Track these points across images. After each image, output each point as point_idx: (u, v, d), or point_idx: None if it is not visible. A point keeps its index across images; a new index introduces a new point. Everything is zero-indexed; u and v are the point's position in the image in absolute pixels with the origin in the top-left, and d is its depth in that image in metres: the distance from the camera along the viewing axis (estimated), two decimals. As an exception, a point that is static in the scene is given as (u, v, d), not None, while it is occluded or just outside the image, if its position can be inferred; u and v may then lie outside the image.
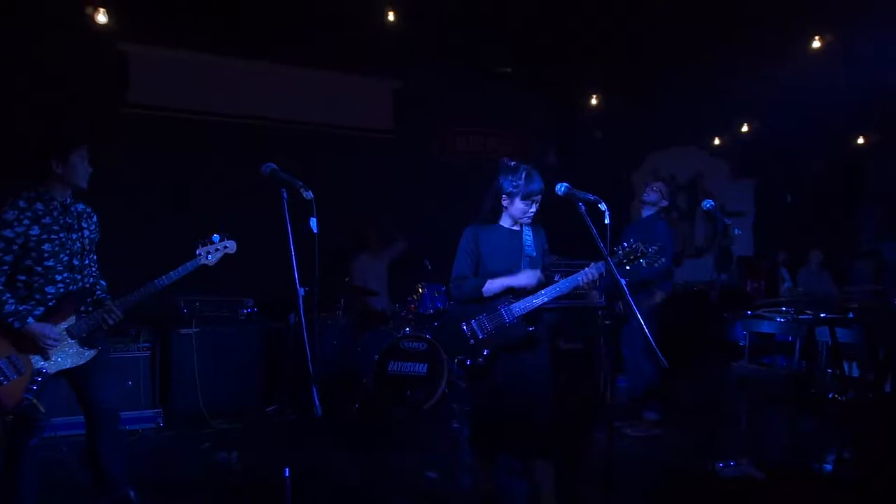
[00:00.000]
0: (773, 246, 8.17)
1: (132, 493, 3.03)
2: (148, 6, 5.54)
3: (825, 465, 4.06)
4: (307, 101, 6.53)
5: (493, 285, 2.89)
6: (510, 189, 2.88)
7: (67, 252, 2.85)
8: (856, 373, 4.87)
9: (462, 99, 7.13)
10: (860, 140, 7.95)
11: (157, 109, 5.94)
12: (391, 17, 5.16)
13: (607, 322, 4.39)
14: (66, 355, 2.80)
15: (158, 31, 5.76)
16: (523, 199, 2.87)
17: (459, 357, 2.90)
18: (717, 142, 8.38)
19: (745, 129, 7.72)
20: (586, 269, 2.78)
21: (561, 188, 2.66)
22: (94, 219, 3.07)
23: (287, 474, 2.08)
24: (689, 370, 4.31)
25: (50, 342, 2.72)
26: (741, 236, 8.03)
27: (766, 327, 5.08)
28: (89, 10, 5.15)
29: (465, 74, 6.79)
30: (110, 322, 2.85)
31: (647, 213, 4.82)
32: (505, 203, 2.93)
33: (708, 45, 5.80)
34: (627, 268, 2.75)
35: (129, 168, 5.50)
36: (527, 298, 2.86)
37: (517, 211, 2.92)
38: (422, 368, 5.15)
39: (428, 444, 4.53)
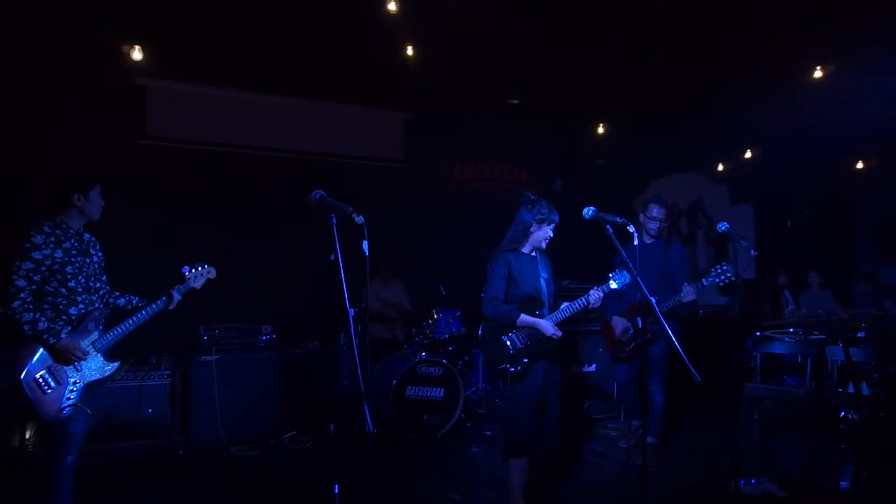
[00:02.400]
0: (773, 269, 8.29)
1: None
2: (166, 42, 5.70)
3: (843, 483, 4.11)
4: (321, 133, 6.70)
5: (523, 320, 3.33)
6: (539, 217, 3.35)
7: (84, 275, 3.13)
8: (866, 391, 4.93)
9: (470, 129, 7.32)
10: (858, 165, 8.15)
11: (175, 142, 6.08)
12: (410, 52, 5.32)
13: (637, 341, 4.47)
14: (93, 368, 3.11)
15: (176, 67, 5.92)
16: (549, 224, 3.39)
17: (502, 365, 3.29)
18: (718, 168, 8.56)
19: (746, 155, 7.91)
20: (593, 290, 3.34)
21: (589, 212, 2.80)
22: (98, 246, 3.36)
23: (336, 490, 2.11)
24: (709, 392, 4.37)
25: (80, 354, 2.99)
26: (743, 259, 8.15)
27: (777, 348, 5.14)
28: (115, 47, 5.29)
29: (474, 105, 6.98)
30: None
31: (649, 238, 4.75)
32: (533, 230, 3.38)
33: (710, 76, 5.99)
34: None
35: (147, 199, 5.62)
36: (552, 315, 3.38)
37: (541, 236, 3.41)
38: (438, 393, 5.21)
39: (448, 466, 4.56)
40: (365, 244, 2.22)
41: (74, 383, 3.01)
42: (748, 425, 4.87)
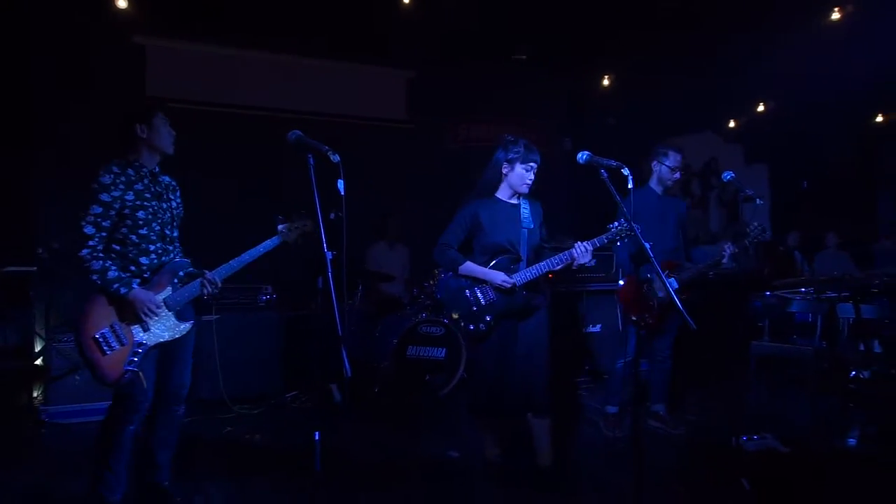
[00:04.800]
0: (787, 230, 8.10)
1: (167, 485, 2.94)
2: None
3: (849, 440, 4.03)
4: (321, 92, 6.58)
5: (470, 270, 3.08)
6: (511, 156, 3.08)
7: (159, 221, 2.80)
8: (877, 349, 4.82)
9: (475, 87, 7.15)
10: (878, 119, 7.85)
11: (175, 102, 5.99)
12: (411, 6, 5.16)
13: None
14: (164, 327, 2.72)
15: (174, 25, 5.82)
16: (523, 163, 3.06)
17: (463, 323, 3.06)
18: (731, 125, 8.31)
19: (760, 109, 7.64)
20: (579, 243, 2.94)
21: (583, 156, 2.64)
22: (178, 193, 3.04)
23: (317, 437, 2.08)
24: (714, 349, 4.29)
25: (153, 309, 2.64)
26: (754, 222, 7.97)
27: (787, 306, 5.04)
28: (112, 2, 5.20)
29: (479, 62, 6.80)
30: (208, 292, 2.80)
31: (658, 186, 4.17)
32: (505, 171, 3.10)
33: (723, 28, 5.76)
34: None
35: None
36: (527, 269, 3.02)
37: (516, 178, 3.08)
38: (440, 353, 5.17)
39: (448, 426, 4.55)
40: (340, 183, 2.14)
41: (139, 345, 2.64)
42: (755, 384, 4.79)
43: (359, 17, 5.77)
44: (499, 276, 3.01)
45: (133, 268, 2.70)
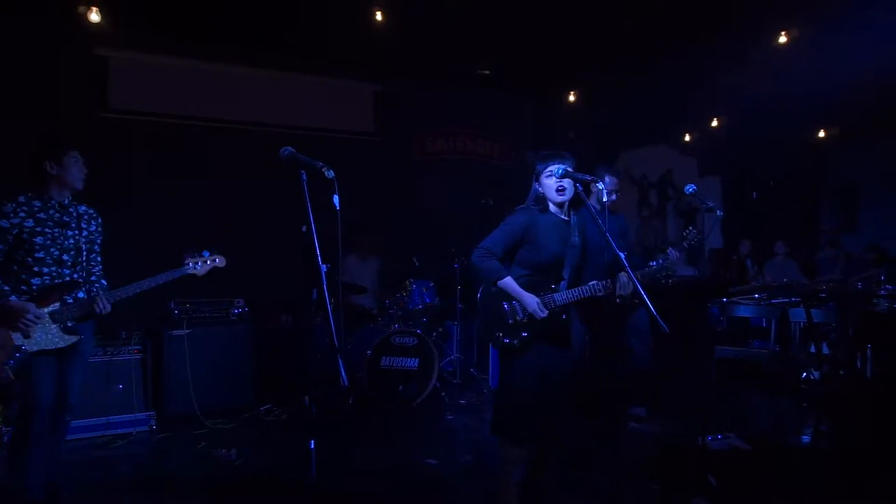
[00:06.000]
0: (739, 238, 8.48)
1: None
2: (127, 11, 5.54)
3: (804, 437, 4.29)
4: (289, 106, 6.60)
5: (509, 287, 2.83)
6: (536, 172, 2.94)
7: (58, 247, 3.05)
8: (826, 351, 5.12)
9: (441, 101, 7.29)
10: (821, 134, 8.33)
11: (139, 115, 5.94)
12: (379, 16, 5.24)
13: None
14: (47, 338, 2.97)
15: (137, 37, 5.76)
16: (544, 172, 2.90)
17: (497, 334, 2.87)
18: (686, 138, 8.67)
19: (714, 124, 8.02)
20: (622, 274, 2.89)
21: (559, 170, 2.77)
22: (98, 221, 3.29)
23: (312, 446, 2.13)
24: (681, 355, 4.50)
25: (29, 318, 2.86)
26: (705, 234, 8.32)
27: (742, 311, 5.31)
28: (73, 13, 5.11)
29: (445, 76, 6.95)
30: (98, 310, 3.03)
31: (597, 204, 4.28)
32: (539, 190, 2.93)
33: (678, 46, 6.05)
34: None
35: (111, 173, 5.48)
36: (568, 291, 2.88)
37: (548, 190, 2.89)
38: (413, 363, 5.24)
39: (424, 433, 4.62)
40: (336, 198, 2.20)
41: (17, 349, 2.90)
42: (716, 386, 5.02)
43: (327, 30, 5.83)
44: (532, 302, 2.81)
45: (24, 287, 2.97)
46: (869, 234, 8.37)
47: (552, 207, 2.92)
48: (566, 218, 2.94)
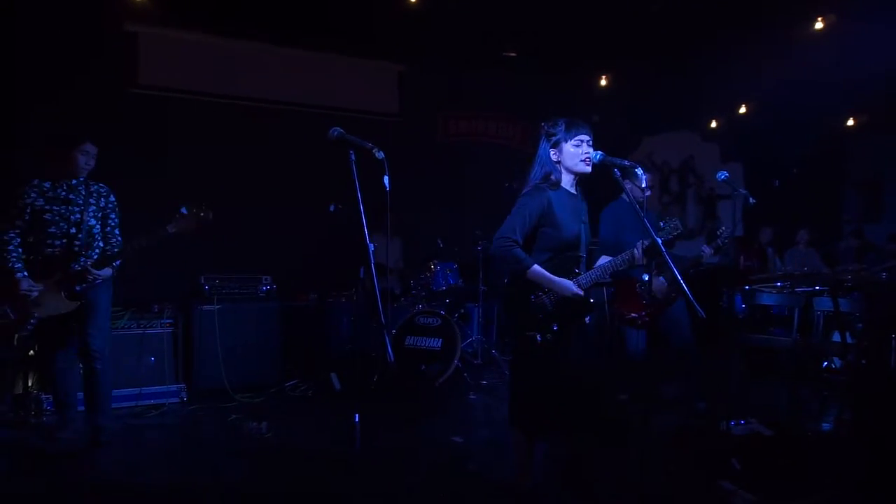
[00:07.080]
0: (760, 226, 8.44)
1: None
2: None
3: (825, 425, 4.33)
4: (314, 85, 6.61)
5: (539, 274, 2.66)
6: (556, 139, 2.74)
7: (66, 222, 3.60)
8: (850, 340, 5.12)
9: (466, 82, 7.27)
10: (849, 122, 8.23)
11: (169, 91, 5.98)
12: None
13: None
14: (54, 304, 3.57)
15: (166, 12, 5.78)
16: (568, 140, 2.73)
17: (530, 333, 2.69)
18: (711, 125, 8.60)
19: (741, 110, 7.95)
20: (639, 242, 2.80)
21: (596, 156, 2.73)
22: (111, 197, 3.82)
23: (357, 420, 2.20)
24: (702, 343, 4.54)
25: (26, 291, 3.47)
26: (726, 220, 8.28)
27: (765, 299, 5.31)
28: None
29: (470, 58, 6.92)
30: (91, 278, 3.58)
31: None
32: (555, 157, 2.76)
33: (705, 31, 6.00)
34: None
35: (141, 150, 5.55)
36: (592, 271, 2.76)
37: (569, 158, 2.72)
38: (436, 343, 5.31)
39: (447, 413, 4.70)
40: (386, 179, 2.25)
41: (32, 315, 3.53)
42: (738, 373, 5.06)
43: (353, 9, 5.82)
44: (569, 286, 2.67)
45: (40, 258, 3.56)
46: (892, 224, 8.31)
47: (565, 180, 2.77)
48: (575, 193, 2.82)
